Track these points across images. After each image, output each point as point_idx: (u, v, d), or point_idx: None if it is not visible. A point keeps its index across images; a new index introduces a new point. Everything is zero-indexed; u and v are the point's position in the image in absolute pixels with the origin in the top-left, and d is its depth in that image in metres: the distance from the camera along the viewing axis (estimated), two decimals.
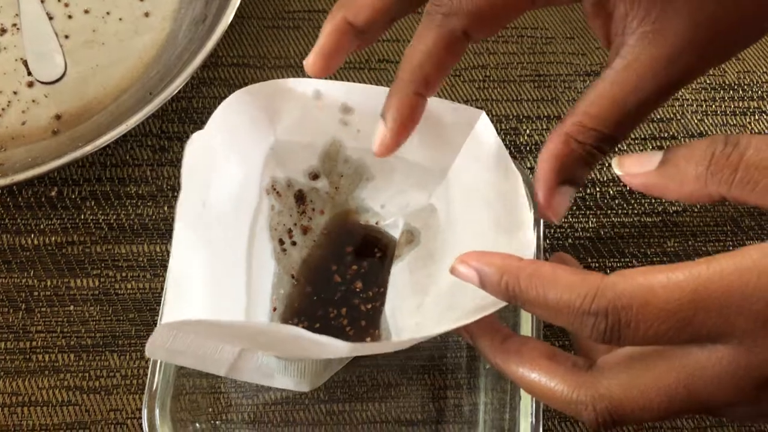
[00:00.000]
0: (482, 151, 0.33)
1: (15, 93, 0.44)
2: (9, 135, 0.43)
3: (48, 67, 0.44)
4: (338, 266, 0.37)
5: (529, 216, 0.30)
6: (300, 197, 0.38)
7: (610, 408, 0.24)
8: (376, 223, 0.38)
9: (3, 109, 0.43)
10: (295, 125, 0.35)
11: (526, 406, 0.34)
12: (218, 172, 0.33)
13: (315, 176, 0.38)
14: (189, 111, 0.44)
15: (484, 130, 0.33)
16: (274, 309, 0.36)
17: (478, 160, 0.34)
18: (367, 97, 0.34)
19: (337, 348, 0.28)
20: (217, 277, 0.32)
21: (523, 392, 0.35)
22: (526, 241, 0.30)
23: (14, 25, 0.45)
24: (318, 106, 0.35)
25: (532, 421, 0.34)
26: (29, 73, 0.44)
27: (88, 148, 0.38)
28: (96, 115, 0.43)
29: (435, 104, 0.34)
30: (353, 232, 0.38)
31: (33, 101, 0.43)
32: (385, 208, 0.38)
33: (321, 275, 0.37)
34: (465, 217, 0.34)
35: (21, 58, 0.44)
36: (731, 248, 0.42)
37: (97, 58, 0.45)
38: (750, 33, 0.30)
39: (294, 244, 0.37)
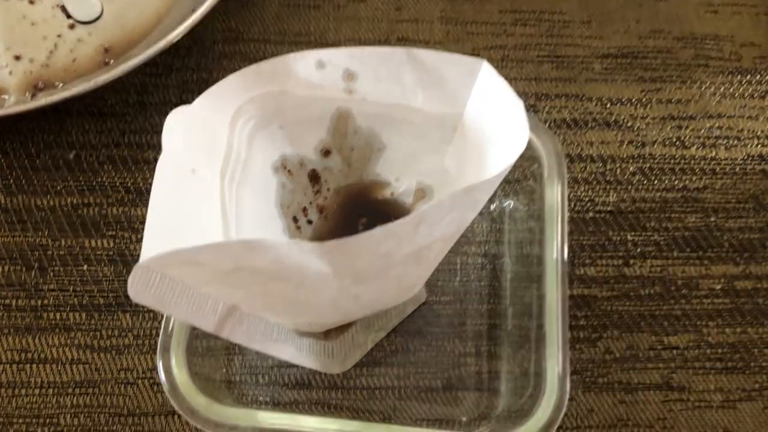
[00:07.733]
0: (488, 100, 0.33)
1: (59, 36, 0.44)
2: (62, 69, 0.43)
3: (85, 7, 0.45)
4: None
5: (525, 131, 0.29)
6: (314, 176, 0.37)
7: None
8: (391, 194, 0.38)
9: (51, 51, 0.44)
10: (300, 100, 0.35)
11: (552, 376, 0.33)
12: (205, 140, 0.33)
13: (327, 152, 0.37)
14: (210, 83, 0.43)
15: (487, 78, 0.33)
16: None
17: (485, 110, 0.33)
18: (370, 61, 0.34)
19: (311, 250, 0.25)
20: (197, 226, 0.31)
21: (547, 359, 0.33)
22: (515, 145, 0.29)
23: None
24: (321, 76, 0.34)
25: (556, 392, 0.33)
26: (69, 17, 0.45)
27: (146, 54, 0.39)
28: (144, 41, 0.44)
29: (435, 57, 0.33)
30: (367, 206, 0.37)
31: (78, 40, 0.44)
32: (400, 180, 0.38)
33: None
34: (475, 170, 0.34)
35: (57, 5, 0.45)
36: (753, 226, 0.42)
37: None
38: None
39: (310, 222, 0.37)
